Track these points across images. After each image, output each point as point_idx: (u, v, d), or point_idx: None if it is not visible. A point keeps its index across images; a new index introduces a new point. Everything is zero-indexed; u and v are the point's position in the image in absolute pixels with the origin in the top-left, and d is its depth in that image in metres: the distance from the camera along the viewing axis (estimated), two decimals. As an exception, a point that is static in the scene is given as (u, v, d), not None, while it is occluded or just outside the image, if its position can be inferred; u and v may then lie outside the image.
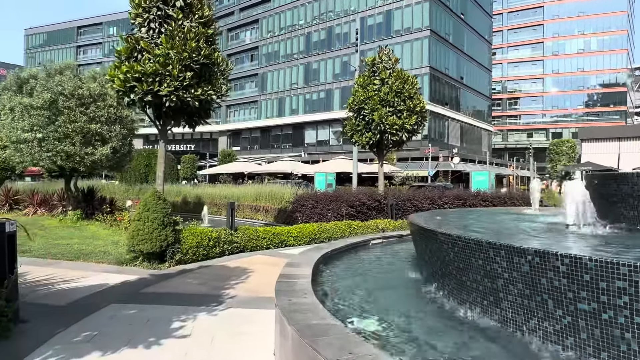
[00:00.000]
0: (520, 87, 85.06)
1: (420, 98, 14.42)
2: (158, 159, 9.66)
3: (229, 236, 9.12)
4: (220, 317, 5.08)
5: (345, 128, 15.22)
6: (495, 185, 21.67)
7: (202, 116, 9.83)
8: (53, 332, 4.49)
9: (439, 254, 4.55)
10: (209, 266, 8.00)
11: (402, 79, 14.09)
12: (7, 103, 13.14)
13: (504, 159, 69.60)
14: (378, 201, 13.39)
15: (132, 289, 6.33)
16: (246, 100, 63.23)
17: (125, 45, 8.87)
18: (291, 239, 10.33)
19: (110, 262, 8.06)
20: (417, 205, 13.69)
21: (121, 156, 14.58)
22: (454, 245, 4.12)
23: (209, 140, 65.56)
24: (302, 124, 55.79)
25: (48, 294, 5.93)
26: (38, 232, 11.80)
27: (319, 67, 54.94)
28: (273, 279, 6.91)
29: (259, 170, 39.62)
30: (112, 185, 26.01)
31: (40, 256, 8.59)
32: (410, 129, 13.99)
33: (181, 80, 8.46)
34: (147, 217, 7.75)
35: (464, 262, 4.03)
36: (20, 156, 12.97)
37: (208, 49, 8.92)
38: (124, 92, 8.64)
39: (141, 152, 27.01)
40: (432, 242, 4.69)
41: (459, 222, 6.22)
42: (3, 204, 17.26)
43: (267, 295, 5.83)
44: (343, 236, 11.12)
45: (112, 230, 12.27)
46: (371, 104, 13.96)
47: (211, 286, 6.51)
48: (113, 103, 13.69)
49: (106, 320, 4.92)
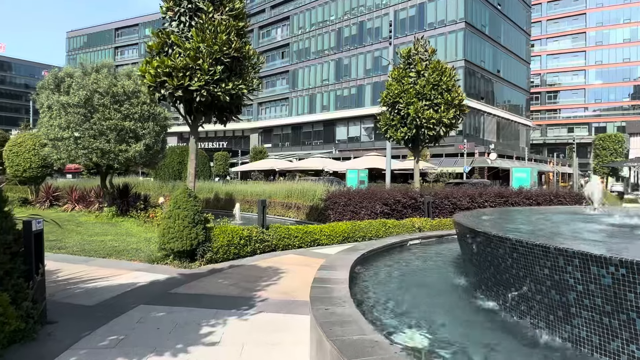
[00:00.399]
0: (560, 80, 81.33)
1: (458, 90, 13.70)
2: (189, 155, 9.50)
3: (261, 235, 8.85)
4: (251, 323, 4.77)
5: (379, 123, 14.69)
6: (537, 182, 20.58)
7: (233, 111, 9.59)
8: (79, 335, 4.31)
9: (497, 261, 4.05)
10: (240, 266, 7.75)
11: (440, 71, 13.42)
12: (45, 101, 13.40)
13: (542, 154, 66.87)
14: (414, 199, 12.84)
15: (161, 289, 6.13)
16: (277, 97, 63.37)
17: (156, 40, 8.72)
18: (324, 237, 9.98)
19: (142, 260, 7.94)
20: (456, 203, 13.05)
21: (154, 153, 14.64)
22: (530, 253, 3.53)
23: (241, 138, 66.16)
24: (333, 121, 55.34)
25: (78, 292, 5.81)
26: (74, 228, 11.96)
27: (350, 63, 54.27)
28: (306, 281, 6.60)
29: (290, 167, 39.53)
30: (147, 182, 26.48)
31: (75, 253, 8.61)
32: (448, 123, 13.32)
33: (212, 75, 8.23)
34: (178, 214, 7.57)
35: (540, 273, 3.45)
36: (58, 153, 13.20)
37: (239, 42, 8.65)
38: (155, 88, 8.49)
39: (174, 149, 27.34)
40: (489, 246, 4.19)
41: (511, 224, 5.65)
42: (44, 200, 17.77)
43: (300, 298, 5.49)
44: (377, 235, 10.68)
45: (145, 227, 12.30)
46: (406, 97, 13.38)
47: (242, 287, 6.23)
48: (146, 100, 13.74)
49: (134, 323, 4.70)
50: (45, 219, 5.81)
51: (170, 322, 4.73)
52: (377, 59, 50.65)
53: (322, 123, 56.79)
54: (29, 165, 17.25)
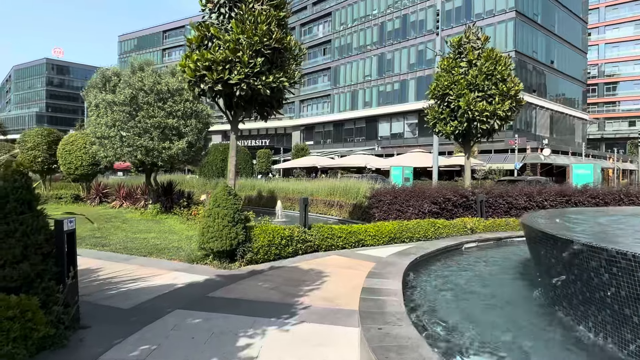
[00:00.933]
0: (619, 70, 75.66)
1: (515, 80, 12.65)
2: (229, 152, 9.23)
3: (302, 234, 8.43)
4: (292, 335, 4.33)
5: (427, 117, 13.89)
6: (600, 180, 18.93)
7: (274, 106, 9.22)
8: (111, 343, 4.03)
9: (591, 278, 3.35)
10: (281, 267, 7.36)
11: (493, 60, 12.45)
12: (92, 100, 13.64)
13: (600, 150, 62.56)
14: (465, 197, 12.00)
15: (199, 291, 5.83)
16: (319, 94, 63.08)
17: (195, 34, 8.49)
18: (369, 238, 9.42)
19: (182, 260, 7.73)
20: (512, 202, 12.09)
21: (197, 150, 14.60)
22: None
23: (283, 135, 66.48)
24: (375, 117, 54.33)
25: (115, 294, 5.61)
26: (120, 225, 12.08)
27: (393, 58, 53.00)
28: (351, 286, 6.09)
29: (332, 164, 39.08)
30: (190, 179, 26.89)
31: (117, 251, 8.56)
32: (503, 115, 12.32)
33: (252, 67, 7.88)
34: (217, 213, 7.29)
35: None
36: (104, 151, 13.41)
37: (280, 33, 8.25)
38: (195, 82, 8.26)
39: (217, 146, 27.57)
40: (580, 259, 3.49)
41: (598, 227, 4.83)
42: (94, 197, 18.30)
43: (345, 307, 4.99)
44: (426, 236, 10.00)
45: (187, 224, 12.23)
46: (457, 89, 12.51)
47: (283, 292, 5.82)
48: (189, 97, 13.69)
49: (168, 330, 4.39)
50: (86, 217, 5.67)
51: (206, 331, 4.38)
52: (421, 52, 49.15)
53: (364, 119, 55.92)
54: (80, 163, 17.80)
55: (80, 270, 6.74)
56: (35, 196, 4.25)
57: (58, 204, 17.90)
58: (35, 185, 4.45)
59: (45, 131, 20.27)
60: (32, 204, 4.18)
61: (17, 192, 4.05)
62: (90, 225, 11.77)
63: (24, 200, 4.09)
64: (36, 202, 4.26)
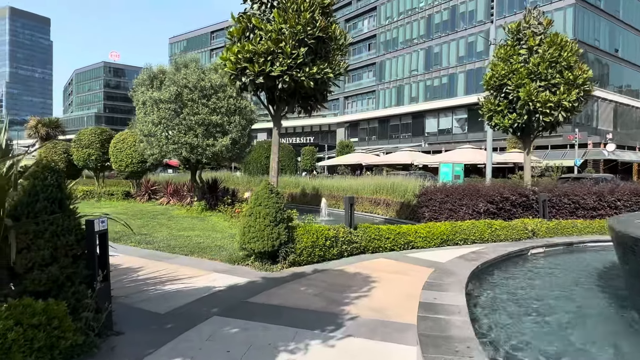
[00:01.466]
0: (694, 58, 69.03)
1: (583, 67, 11.46)
2: (272, 148, 8.89)
3: (348, 235, 7.93)
4: (338, 352, 3.85)
5: (482, 109, 12.92)
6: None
7: (318, 99, 8.77)
8: (143, 353, 3.72)
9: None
10: (325, 270, 6.90)
11: (558, 45, 11.32)
12: (140, 97, 13.81)
13: (673, 145, 57.33)
14: (525, 196, 11.01)
15: (239, 296, 5.48)
16: (364, 90, 62.09)
17: (237, 26, 8.19)
18: (419, 240, 8.77)
19: (223, 260, 7.46)
20: (578, 202, 10.97)
21: (241, 147, 14.47)
22: None
23: (327, 132, 66.14)
24: (422, 113, 52.69)
25: (152, 296, 5.37)
26: (165, 222, 12.12)
27: (441, 51, 51.10)
28: (402, 294, 5.51)
29: (377, 162, 38.23)
30: (235, 177, 27.09)
31: (160, 249, 8.46)
32: (569, 106, 11.16)
33: (294, 58, 7.46)
34: (259, 212, 6.94)
35: None
36: (151, 149, 13.54)
37: (324, 21, 7.77)
38: (236, 76, 7.96)
39: (262, 144, 27.59)
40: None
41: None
42: (143, 194, 18.73)
43: (397, 320, 4.45)
44: (482, 239, 9.21)
45: (231, 222, 12.09)
46: (516, 78, 11.49)
47: (327, 299, 5.36)
48: (232, 94, 13.56)
49: (203, 341, 4.04)
50: (117, 220, 5.46)
51: (243, 343, 3.98)
52: (471, 44, 47.05)
53: (410, 115, 54.40)
54: (130, 160, 18.25)
55: (122, 269, 6.65)
56: (67, 194, 4.03)
57: (110, 200, 18.47)
58: (72, 184, 4.25)
59: (99, 130, 21.01)
60: (64, 203, 3.96)
61: (47, 190, 3.83)
62: (138, 221, 11.90)
63: (54, 199, 3.87)
64: (68, 201, 4.03)
